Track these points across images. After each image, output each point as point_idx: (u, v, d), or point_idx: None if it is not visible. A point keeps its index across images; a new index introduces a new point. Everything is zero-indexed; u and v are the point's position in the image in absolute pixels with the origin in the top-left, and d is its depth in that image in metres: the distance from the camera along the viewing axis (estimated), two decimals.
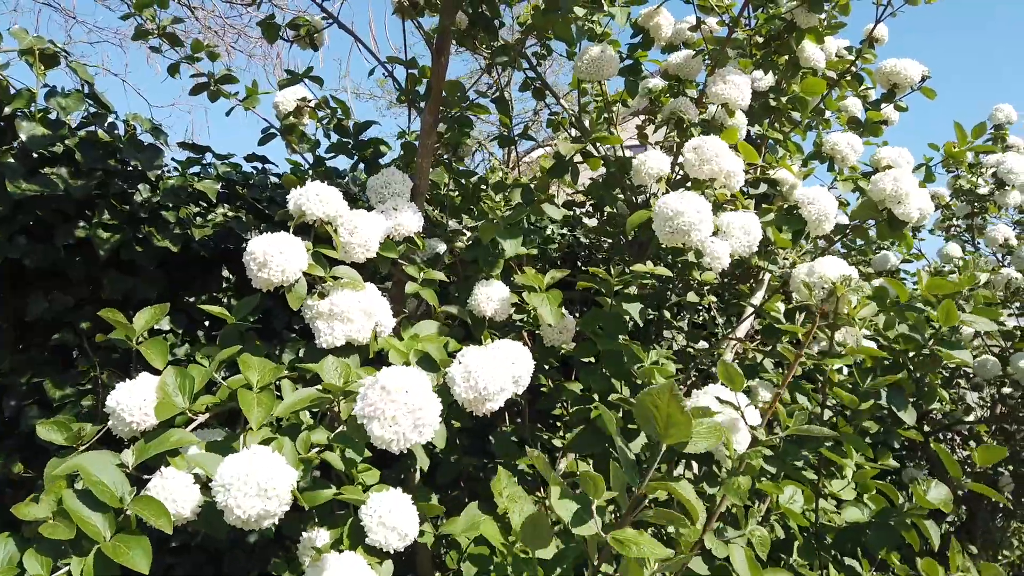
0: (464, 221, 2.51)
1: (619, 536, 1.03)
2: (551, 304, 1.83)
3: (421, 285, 1.82)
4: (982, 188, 3.63)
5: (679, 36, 2.57)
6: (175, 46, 2.31)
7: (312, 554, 1.21)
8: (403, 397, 1.07)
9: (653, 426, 0.98)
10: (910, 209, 1.82)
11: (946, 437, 3.77)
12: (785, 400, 2.06)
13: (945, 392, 2.38)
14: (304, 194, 1.48)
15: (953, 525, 3.57)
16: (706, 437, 1.08)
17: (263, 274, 1.34)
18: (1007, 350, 3.31)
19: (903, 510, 1.74)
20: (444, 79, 1.92)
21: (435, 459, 2.27)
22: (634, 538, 1.02)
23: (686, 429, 0.97)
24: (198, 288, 2.47)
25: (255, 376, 1.23)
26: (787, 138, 2.60)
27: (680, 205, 1.65)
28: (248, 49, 7.11)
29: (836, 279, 1.66)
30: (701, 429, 1.08)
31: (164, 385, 1.20)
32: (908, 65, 2.51)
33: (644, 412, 0.98)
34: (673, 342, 3.01)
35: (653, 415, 0.97)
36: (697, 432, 1.07)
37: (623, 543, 1.01)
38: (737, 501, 1.36)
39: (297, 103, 2.33)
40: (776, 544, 1.90)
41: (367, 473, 1.52)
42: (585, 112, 2.73)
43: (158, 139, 2.42)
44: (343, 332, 1.45)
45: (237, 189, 2.62)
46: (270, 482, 1.01)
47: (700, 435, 1.07)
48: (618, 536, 1.02)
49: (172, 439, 1.10)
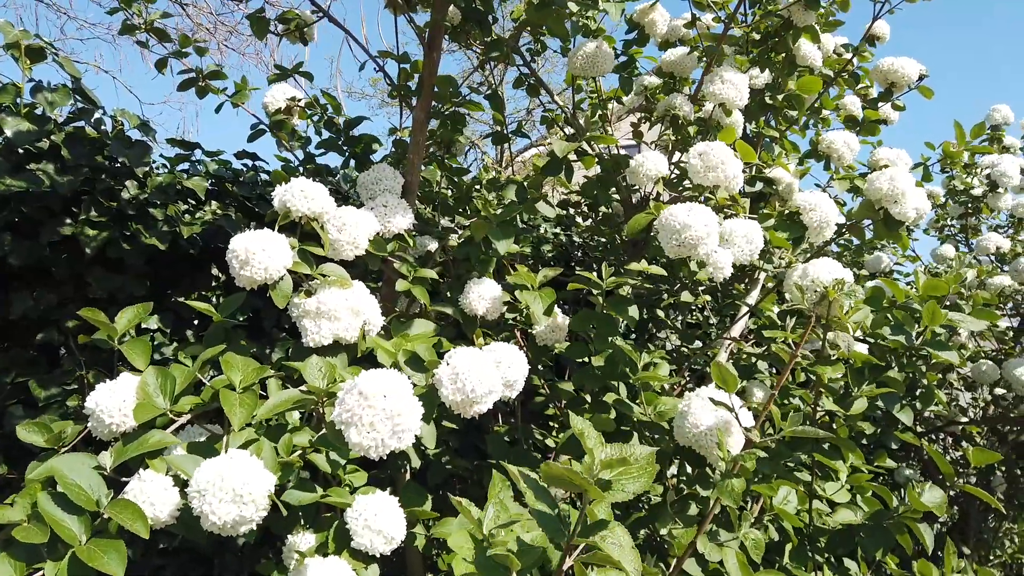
0: (457, 219, 2.48)
1: None
2: (543, 302, 1.81)
3: (412, 283, 1.80)
4: (976, 189, 3.63)
5: (674, 33, 2.54)
6: (163, 41, 2.28)
7: (296, 558, 1.18)
8: (381, 403, 1.04)
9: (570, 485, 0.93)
10: (906, 208, 1.80)
11: (939, 438, 3.76)
12: (778, 401, 2.04)
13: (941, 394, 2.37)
14: (289, 191, 1.45)
15: (945, 525, 3.56)
16: (636, 477, 1.02)
17: (245, 272, 1.31)
18: (1000, 351, 3.30)
19: (897, 512, 1.72)
20: (436, 74, 1.89)
21: (427, 459, 2.25)
22: None
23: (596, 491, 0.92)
24: (187, 287, 2.44)
25: (238, 376, 1.20)
26: (783, 136, 2.59)
27: (688, 219, 1.63)
28: (240, 47, 7.08)
29: (829, 282, 1.63)
30: (629, 471, 1.01)
31: (144, 386, 1.17)
32: (906, 64, 2.49)
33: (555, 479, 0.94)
34: (667, 341, 2.99)
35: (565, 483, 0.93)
36: (625, 474, 1.01)
37: None
38: (730, 504, 1.34)
39: (287, 101, 2.30)
40: (770, 546, 1.88)
41: (355, 475, 1.49)
42: (580, 109, 2.71)
43: (146, 135, 2.39)
44: (330, 331, 1.42)
45: (227, 186, 2.59)
46: (245, 487, 0.98)
47: (629, 476, 1.01)
48: None
49: (151, 441, 1.07)
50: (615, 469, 1.02)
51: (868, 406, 1.81)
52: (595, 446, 1.02)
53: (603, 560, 0.98)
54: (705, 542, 1.49)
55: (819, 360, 1.70)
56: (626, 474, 1.03)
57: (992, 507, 3.38)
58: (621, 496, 1.01)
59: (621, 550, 0.98)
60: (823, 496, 1.90)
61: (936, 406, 2.01)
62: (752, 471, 1.59)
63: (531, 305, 1.81)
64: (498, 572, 1.00)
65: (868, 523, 1.76)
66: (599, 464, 0.99)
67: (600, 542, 0.97)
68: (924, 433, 3.40)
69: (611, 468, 1.01)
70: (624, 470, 1.02)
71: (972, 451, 1.73)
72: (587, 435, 1.03)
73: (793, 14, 2.22)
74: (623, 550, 0.98)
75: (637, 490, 1.02)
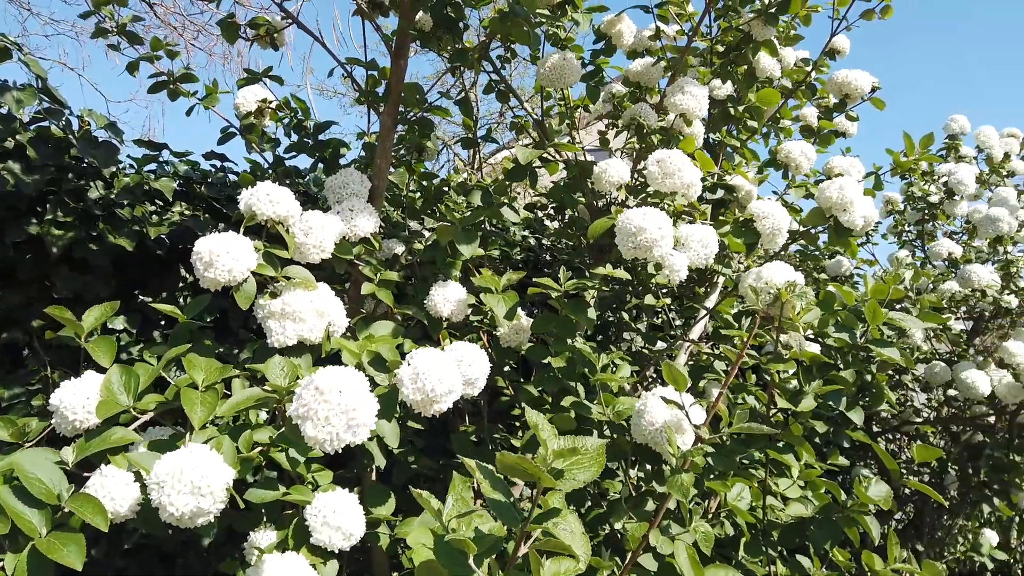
0: (426, 223, 2.52)
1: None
2: (506, 305, 1.85)
3: (377, 286, 1.83)
4: (933, 196, 3.74)
5: (641, 44, 2.60)
6: (134, 44, 2.29)
7: (256, 554, 1.21)
8: (336, 397, 1.07)
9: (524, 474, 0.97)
10: (855, 217, 1.87)
11: (895, 437, 3.87)
12: (734, 400, 2.11)
13: (891, 394, 2.45)
14: (255, 194, 1.48)
15: (901, 523, 3.67)
16: (587, 467, 1.06)
17: (209, 274, 1.34)
18: (954, 353, 3.41)
19: (846, 507, 1.79)
20: (403, 81, 1.93)
21: (394, 459, 2.28)
22: None
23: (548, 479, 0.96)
24: (154, 287, 2.45)
25: (200, 375, 1.23)
26: (744, 145, 2.66)
27: (643, 222, 1.69)
28: (208, 46, 7.03)
29: (781, 284, 1.70)
30: (580, 460, 1.05)
31: (108, 383, 1.19)
32: (859, 76, 2.58)
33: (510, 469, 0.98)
34: (632, 344, 3.05)
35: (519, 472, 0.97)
36: (577, 464, 1.05)
37: None
38: (681, 498, 1.39)
39: (258, 104, 2.32)
40: (725, 541, 1.94)
41: (320, 473, 1.52)
42: (548, 116, 2.76)
43: (114, 136, 2.39)
44: (295, 331, 1.45)
45: (195, 187, 2.60)
46: (204, 480, 1.01)
47: (580, 466, 1.05)
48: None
49: (114, 437, 1.10)
50: (567, 459, 1.06)
51: (821, 405, 1.88)
52: (548, 437, 1.07)
53: (555, 547, 1.02)
54: (658, 535, 1.54)
55: (773, 359, 1.77)
56: (577, 464, 1.07)
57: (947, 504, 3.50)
58: (572, 484, 1.05)
59: (572, 536, 1.02)
60: (777, 492, 1.96)
61: (886, 406, 2.09)
62: (703, 467, 1.65)
63: (494, 308, 1.85)
64: (456, 558, 1.03)
65: (819, 517, 1.83)
66: (551, 454, 1.03)
67: (553, 528, 1.02)
68: (880, 433, 3.50)
69: (563, 458, 1.05)
70: (576, 460, 1.07)
71: (916, 448, 1.80)
72: (541, 427, 1.08)
73: (753, 29, 2.29)
74: (574, 536, 1.03)
75: (587, 479, 1.06)
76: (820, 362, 1.84)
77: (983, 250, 3.71)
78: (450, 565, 1.02)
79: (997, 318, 3.54)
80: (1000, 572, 3.89)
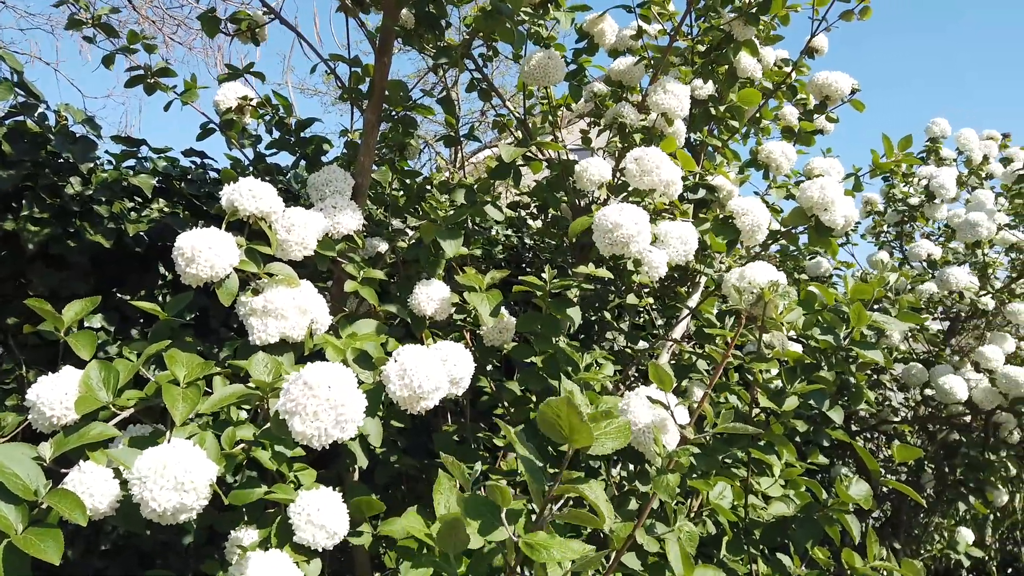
0: (409, 221, 2.51)
1: (529, 540, 1.03)
2: (490, 304, 1.85)
3: (360, 284, 1.82)
4: (913, 199, 3.79)
5: (623, 43, 2.61)
6: (110, 36, 2.25)
7: (238, 552, 1.20)
8: (325, 392, 1.07)
9: (559, 432, 0.99)
10: (835, 216, 1.89)
11: (873, 437, 3.91)
12: (716, 400, 2.12)
13: (871, 393, 2.48)
14: (237, 190, 1.47)
15: (879, 521, 3.71)
16: (615, 437, 1.09)
17: (191, 270, 1.33)
18: (931, 354, 3.46)
19: (827, 505, 1.80)
20: (387, 78, 1.92)
21: (376, 459, 2.27)
22: (544, 542, 1.02)
23: (587, 435, 0.98)
24: (133, 285, 2.42)
25: (182, 372, 1.21)
26: (725, 145, 2.68)
27: (619, 218, 1.69)
28: (188, 41, 6.96)
29: (764, 284, 1.71)
30: (610, 429, 1.08)
31: (87, 379, 1.17)
32: (839, 78, 2.61)
33: (547, 421, 0.99)
34: (615, 343, 3.06)
35: (556, 423, 0.98)
36: (605, 433, 1.08)
37: (533, 547, 1.02)
38: (666, 498, 1.39)
39: (238, 100, 2.30)
40: (707, 540, 1.95)
41: (303, 472, 1.51)
42: (530, 115, 2.76)
43: (91, 131, 2.36)
44: (277, 329, 1.44)
45: (175, 184, 2.57)
46: (187, 475, 1.00)
47: (608, 435, 1.08)
48: (528, 540, 1.03)
49: (93, 433, 1.08)
50: (600, 426, 1.09)
51: (802, 405, 1.89)
52: (581, 403, 1.08)
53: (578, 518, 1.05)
54: (643, 534, 1.55)
55: (756, 358, 1.78)
56: (607, 433, 1.10)
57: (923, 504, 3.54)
58: (602, 449, 1.09)
59: (598, 500, 1.04)
60: (758, 491, 1.98)
61: (865, 405, 2.11)
62: (688, 467, 1.65)
63: (478, 306, 1.85)
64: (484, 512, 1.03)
65: (800, 515, 1.84)
66: (587, 415, 1.03)
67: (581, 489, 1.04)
68: (859, 432, 3.54)
69: (596, 423, 1.08)
70: (605, 429, 1.10)
71: (896, 447, 1.82)
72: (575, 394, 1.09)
73: (734, 29, 2.31)
74: (599, 501, 1.04)
75: (615, 447, 1.09)
76: (803, 362, 1.86)
77: (960, 252, 3.76)
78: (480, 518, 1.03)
79: (973, 319, 3.60)
80: (975, 569, 3.95)
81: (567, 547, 1.02)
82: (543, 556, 1.00)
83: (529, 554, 1.01)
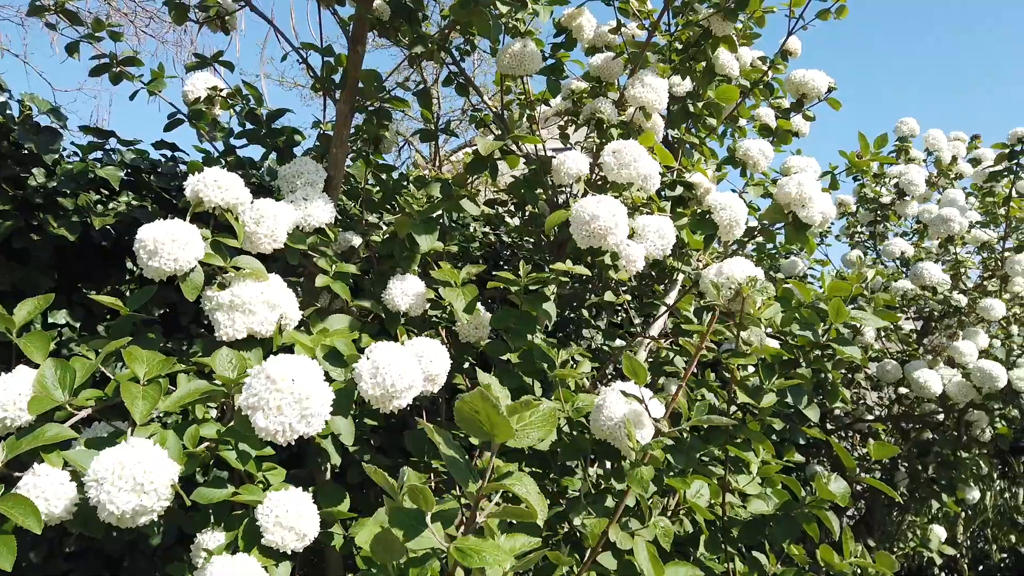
0: (385, 217, 2.47)
1: (460, 545, 0.98)
2: (465, 299, 1.82)
3: (333, 278, 1.78)
4: (885, 197, 3.82)
5: (601, 39, 2.60)
6: (74, 24, 2.18)
7: (203, 556, 1.16)
8: (289, 386, 1.03)
9: (479, 428, 0.95)
10: (813, 213, 1.89)
11: (847, 435, 3.94)
12: (693, 396, 2.11)
13: (846, 391, 2.49)
14: (202, 180, 1.42)
15: (852, 519, 3.73)
16: (540, 426, 1.05)
17: (153, 263, 1.28)
18: (904, 353, 3.49)
19: (805, 502, 1.80)
20: (360, 68, 1.88)
21: (349, 458, 2.23)
22: (476, 546, 0.98)
23: (507, 428, 0.95)
24: (98, 280, 2.36)
25: (142, 369, 1.17)
26: (703, 143, 2.67)
27: (596, 209, 1.67)
28: (160, 34, 6.83)
29: (742, 280, 1.70)
30: (534, 419, 1.05)
31: (42, 378, 1.12)
32: (816, 76, 2.61)
33: (465, 417, 0.95)
34: (592, 342, 3.04)
35: (475, 419, 0.94)
36: (529, 424, 1.04)
37: (464, 552, 0.97)
38: (641, 492, 1.38)
39: (208, 91, 2.24)
40: (684, 538, 1.93)
41: (272, 472, 1.47)
42: (508, 110, 2.73)
43: (57, 122, 2.29)
44: (244, 324, 1.39)
45: (144, 177, 2.51)
46: (146, 476, 0.96)
47: (532, 426, 1.04)
48: (459, 545, 0.98)
49: (48, 434, 1.03)
50: (521, 417, 1.05)
51: (778, 403, 1.88)
52: (500, 396, 1.05)
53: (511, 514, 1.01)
54: (617, 531, 1.52)
55: (733, 354, 1.76)
56: (530, 424, 1.06)
57: (896, 502, 3.58)
58: (526, 441, 1.04)
59: (529, 495, 1.00)
60: (736, 489, 1.97)
61: (841, 403, 2.11)
62: (662, 461, 1.63)
63: (453, 302, 1.82)
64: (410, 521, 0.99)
65: (778, 513, 1.83)
66: (505, 408, 1.00)
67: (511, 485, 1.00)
68: (833, 431, 3.56)
69: (517, 414, 1.04)
70: (529, 420, 1.06)
71: (873, 445, 1.82)
72: (494, 387, 1.06)
73: (712, 24, 2.30)
74: (530, 495, 1.01)
75: (540, 437, 1.05)
76: (781, 358, 1.85)
77: (932, 251, 3.81)
78: (406, 528, 0.98)
79: (945, 318, 3.63)
80: (947, 567, 4.00)
81: (500, 550, 0.98)
82: (476, 561, 0.96)
83: (461, 560, 0.97)
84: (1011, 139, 3.35)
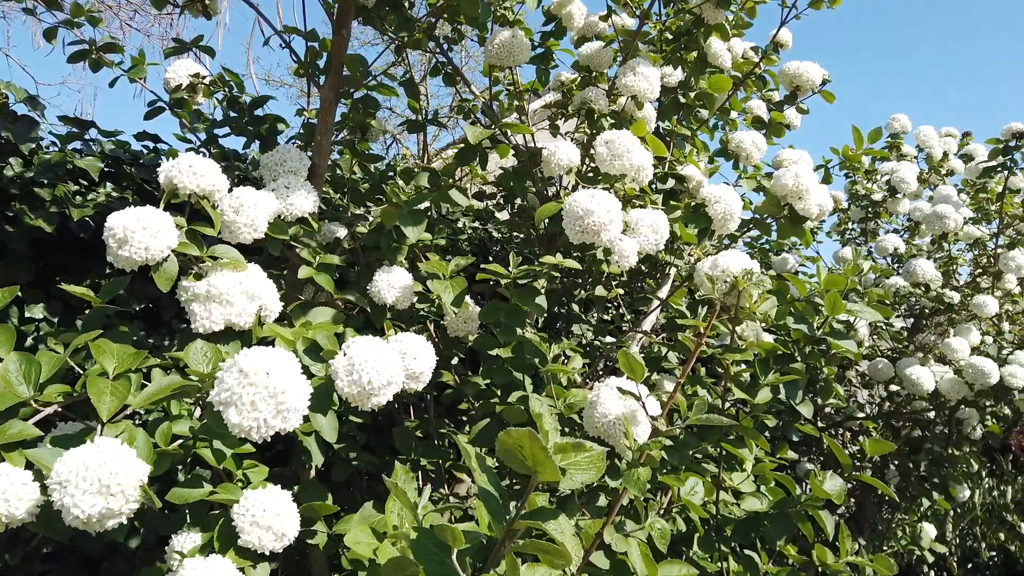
0: (371, 207, 2.41)
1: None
2: (454, 292, 1.77)
3: (316, 270, 1.72)
4: (876, 194, 3.80)
5: (591, 28, 2.55)
6: (51, 8, 2.11)
7: (177, 559, 1.10)
8: (263, 380, 0.97)
9: (520, 463, 0.87)
10: (810, 204, 1.85)
11: (838, 433, 3.92)
12: (687, 393, 2.07)
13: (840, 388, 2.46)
14: (176, 166, 1.35)
15: (843, 517, 3.71)
16: (586, 469, 0.95)
17: (123, 252, 1.22)
18: (895, 351, 3.47)
19: (800, 500, 1.76)
20: (344, 53, 1.82)
21: (334, 455, 2.17)
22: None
23: (553, 469, 0.86)
24: (76, 273, 2.29)
25: (111, 363, 1.11)
26: (695, 135, 2.63)
27: (590, 204, 1.62)
28: (145, 27, 6.74)
29: (738, 273, 1.66)
30: (580, 460, 0.95)
31: (6, 372, 1.06)
32: (810, 68, 2.57)
33: (507, 450, 0.87)
34: (582, 338, 3.00)
35: (519, 454, 0.86)
36: (575, 464, 0.95)
37: None
38: (637, 493, 1.33)
39: (190, 78, 2.18)
40: (678, 537, 1.89)
41: (252, 470, 1.41)
42: (496, 100, 2.68)
43: (34, 110, 2.22)
44: (222, 316, 1.33)
45: (124, 168, 2.44)
46: (112, 477, 0.90)
47: (579, 467, 0.95)
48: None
49: (10, 432, 0.98)
50: (569, 457, 0.96)
51: (772, 399, 1.85)
52: (551, 430, 0.96)
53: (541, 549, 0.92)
54: (612, 532, 1.48)
55: (728, 349, 1.72)
56: (577, 465, 0.96)
57: (886, 499, 3.56)
58: (571, 484, 0.95)
59: (563, 536, 0.92)
60: (729, 487, 1.93)
61: (834, 399, 2.08)
62: (659, 461, 1.59)
63: (442, 295, 1.77)
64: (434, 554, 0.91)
65: (773, 511, 1.80)
66: (553, 447, 0.91)
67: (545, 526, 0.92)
68: (824, 428, 3.53)
69: (565, 454, 0.95)
70: (575, 459, 0.96)
71: (868, 442, 1.79)
72: (544, 419, 0.97)
73: (704, 12, 2.26)
74: (565, 536, 0.92)
75: (586, 481, 0.96)
76: (777, 353, 1.81)
77: (924, 248, 3.79)
78: (428, 562, 0.91)
79: (937, 315, 3.62)
80: (937, 565, 3.99)
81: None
82: None
83: None
84: (1005, 135, 3.33)
